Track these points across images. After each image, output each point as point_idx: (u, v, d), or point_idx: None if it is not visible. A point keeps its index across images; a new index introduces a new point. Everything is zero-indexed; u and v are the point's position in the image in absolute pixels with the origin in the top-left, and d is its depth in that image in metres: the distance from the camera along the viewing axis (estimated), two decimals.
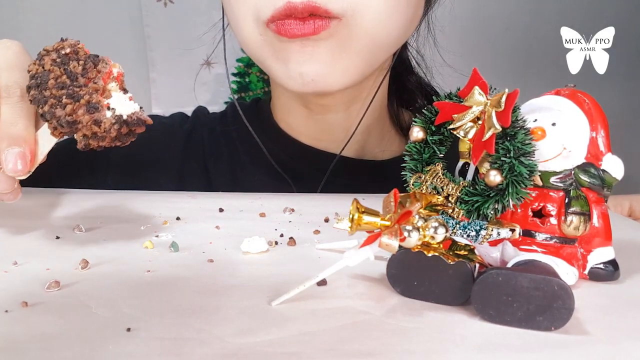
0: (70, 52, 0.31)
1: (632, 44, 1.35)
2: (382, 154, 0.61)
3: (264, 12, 0.44)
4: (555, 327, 0.22)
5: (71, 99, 0.29)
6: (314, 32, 0.43)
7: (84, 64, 0.31)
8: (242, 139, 0.61)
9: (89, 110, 0.30)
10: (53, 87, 0.30)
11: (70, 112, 0.29)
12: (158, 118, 0.67)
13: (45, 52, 0.32)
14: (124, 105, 0.31)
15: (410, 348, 0.21)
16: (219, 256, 0.31)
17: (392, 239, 0.23)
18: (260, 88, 1.41)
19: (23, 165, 0.31)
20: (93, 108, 0.30)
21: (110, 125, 0.30)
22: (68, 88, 0.30)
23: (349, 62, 0.47)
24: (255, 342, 0.21)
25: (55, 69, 0.30)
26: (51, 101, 0.30)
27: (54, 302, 0.24)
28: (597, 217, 0.27)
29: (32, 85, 0.31)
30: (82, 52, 0.32)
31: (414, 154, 0.31)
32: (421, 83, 0.65)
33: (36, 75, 0.31)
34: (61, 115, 0.29)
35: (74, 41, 0.32)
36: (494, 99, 0.26)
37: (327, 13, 0.43)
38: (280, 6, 0.43)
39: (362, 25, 0.45)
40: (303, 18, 0.43)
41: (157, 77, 1.45)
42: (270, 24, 0.44)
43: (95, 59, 0.31)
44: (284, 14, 0.43)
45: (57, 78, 0.30)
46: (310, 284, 0.25)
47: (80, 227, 0.36)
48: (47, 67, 0.30)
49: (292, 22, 0.43)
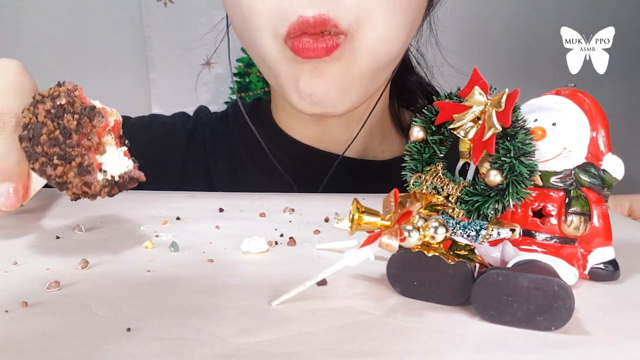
0: (66, 103, 0.29)
1: (632, 44, 1.35)
2: (383, 154, 0.61)
3: (280, 28, 0.44)
4: (555, 327, 0.22)
5: (63, 160, 0.28)
6: (327, 53, 0.44)
7: (79, 118, 0.29)
8: (244, 138, 0.61)
9: (80, 173, 0.29)
10: (45, 142, 0.28)
11: (60, 173, 0.29)
12: (160, 118, 0.67)
13: (40, 98, 0.30)
14: (116, 163, 0.31)
15: (410, 348, 0.21)
16: (219, 256, 0.31)
17: (392, 239, 0.23)
18: (260, 88, 1.41)
19: (15, 200, 0.31)
20: (84, 171, 0.29)
21: (100, 188, 0.30)
22: (60, 146, 0.28)
23: (355, 85, 0.47)
24: (256, 342, 0.21)
25: (49, 122, 0.29)
26: (42, 159, 0.28)
27: (54, 302, 0.24)
28: (597, 217, 0.27)
29: (24, 137, 0.29)
30: (78, 102, 0.30)
31: (414, 154, 0.30)
32: (422, 83, 0.65)
33: (29, 126, 0.29)
34: (51, 175, 0.29)
35: (71, 86, 0.31)
36: (494, 99, 0.26)
37: (336, 28, 0.43)
38: (294, 21, 0.43)
39: (364, 42, 0.45)
40: (316, 35, 0.43)
41: (157, 77, 1.45)
42: (287, 40, 0.45)
43: (91, 112, 0.30)
44: (298, 30, 0.43)
45: (50, 133, 0.29)
46: (310, 284, 0.25)
47: (80, 227, 0.36)
48: (40, 118, 0.29)
49: (307, 40, 0.43)
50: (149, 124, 0.64)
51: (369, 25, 0.45)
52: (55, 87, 0.30)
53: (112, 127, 0.32)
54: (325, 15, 0.43)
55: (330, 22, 0.43)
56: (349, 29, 0.44)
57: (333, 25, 0.43)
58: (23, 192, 0.32)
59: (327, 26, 0.43)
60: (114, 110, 0.32)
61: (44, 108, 0.29)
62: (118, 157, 0.31)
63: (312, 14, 0.43)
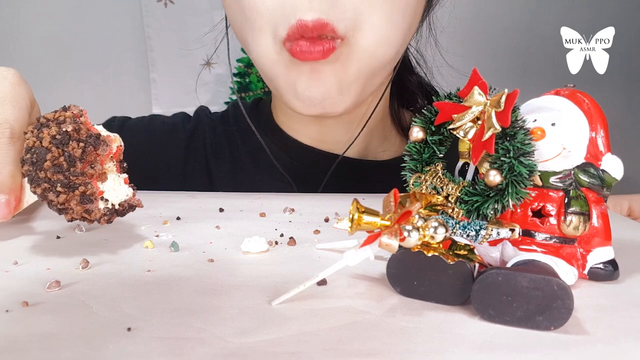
0: (72, 131, 0.29)
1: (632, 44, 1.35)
2: (383, 154, 0.61)
3: (280, 30, 0.45)
4: (554, 326, 0.22)
5: (66, 188, 0.29)
6: (323, 56, 0.44)
7: (84, 146, 0.29)
8: (244, 139, 0.61)
9: (82, 201, 0.29)
10: (49, 169, 0.28)
11: (62, 201, 0.29)
12: (161, 118, 0.67)
13: (45, 122, 0.30)
14: (117, 191, 0.31)
15: (410, 347, 0.21)
16: (219, 256, 0.31)
17: (392, 238, 0.23)
18: (260, 88, 1.41)
19: (6, 213, 0.31)
20: (87, 200, 0.29)
21: (100, 216, 0.30)
22: (64, 173, 0.28)
23: (352, 86, 0.48)
24: (256, 341, 0.21)
25: (54, 148, 0.29)
26: (45, 185, 0.28)
27: (54, 301, 0.24)
28: (596, 217, 0.27)
29: (27, 160, 0.29)
30: (84, 129, 0.30)
31: (414, 154, 0.31)
32: (422, 83, 0.66)
33: (33, 149, 0.29)
34: (53, 201, 0.29)
35: (77, 111, 0.30)
36: (493, 99, 0.26)
37: (333, 32, 0.44)
38: (293, 24, 0.44)
39: (362, 45, 0.46)
40: (313, 39, 0.44)
41: (157, 78, 1.45)
42: (286, 42, 0.45)
43: (97, 141, 0.30)
44: (297, 33, 0.44)
45: (55, 160, 0.28)
46: (310, 284, 0.25)
47: (80, 227, 0.36)
48: (45, 143, 0.29)
49: (304, 44, 0.44)
50: (149, 124, 0.65)
51: (366, 28, 0.45)
52: (61, 111, 0.30)
53: (114, 154, 0.32)
54: (323, 19, 0.43)
55: (329, 27, 0.43)
56: (345, 34, 0.45)
57: (331, 29, 0.44)
58: (15, 204, 0.32)
59: (325, 30, 0.43)
60: (117, 137, 0.32)
61: (49, 133, 0.29)
62: (119, 185, 0.32)
63: (311, 18, 0.43)
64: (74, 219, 0.30)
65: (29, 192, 0.32)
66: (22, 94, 0.34)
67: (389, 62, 0.50)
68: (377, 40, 0.46)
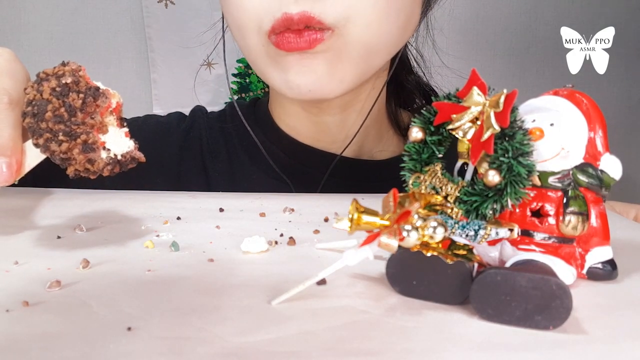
0: (71, 83, 0.30)
1: (632, 44, 1.35)
2: (381, 153, 0.61)
3: (265, 23, 0.45)
4: (553, 326, 0.22)
5: (68, 136, 0.29)
6: (310, 47, 0.44)
7: (84, 97, 0.30)
8: (241, 137, 0.61)
9: (84, 150, 0.29)
10: (50, 119, 0.29)
11: (65, 149, 0.29)
12: (155, 117, 0.67)
13: (45, 76, 0.30)
14: (119, 143, 0.31)
15: (409, 347, 0.21)
16: (219, 256, 0.31)
17: (391, 238, 0.23)
18: (260, 89, 1.41)
19: (8, 175, 0.31)
20: (89, 148, 0.29)
21: (103, 165, 0.30)
22: (65, 123, 0.29)
23: (345, 72, 0.48)
24: (256, 341, 0.21)
25: (54, 100, 0.29)
26: (47, 135, 0.29)
27: (55, 301, 0.24)
28: (595, 217, 0.27)
29: (28, 112, 0.29)
30: (83, 82, 0.30)
31: (413, 154, 0.31)
32: (420, 83, 0.66)
33: (33, 102, 0.29)
34: (55, 151, 0.29)
35: (75, 66, 0.31)
36: (492, 100, 0.26)
37: (320, 24, 0.44)
38: (279, 17, 0.44)
39: (354, 35, 0.46)
40: (299, 31, 0.44)
41: (158, 78, 1.45)
42: (271, 35, 0.45)
43: (96, 92, 0.30)
44: (282, 26, 0.44)
45: (55, 110, 0.29)
46: (310, 284, 0.25)
47: (81, 227, 0.36)
48: (45, 95, 0.29)
49: (289, 36, 0.44)
50: (143, 124, 0.64)
51: (357, 18, 0.45)
52: (60, 66, 0.31)
53: (114, 109, 0.32)
54: (309, 12, 0.43)
55: (315, 19, 0.43)
56: (336, 25, 0.44)
57: (317, 22, 0.44)
58: (17, 168, 0.32)
59: (311, 22, 0.44)
60: (116, 93, 0.33)
61: (49, 86, 0.29)
62: (120, 137, 0.32)
63: (296, 11, 0.43)
64: (77, 172, 0.30)
65: (30, 156, 0.32)
66: (18, 69, 0.35)
67: (385, 51, 0.50)
68: (368, 29, 0.46)
